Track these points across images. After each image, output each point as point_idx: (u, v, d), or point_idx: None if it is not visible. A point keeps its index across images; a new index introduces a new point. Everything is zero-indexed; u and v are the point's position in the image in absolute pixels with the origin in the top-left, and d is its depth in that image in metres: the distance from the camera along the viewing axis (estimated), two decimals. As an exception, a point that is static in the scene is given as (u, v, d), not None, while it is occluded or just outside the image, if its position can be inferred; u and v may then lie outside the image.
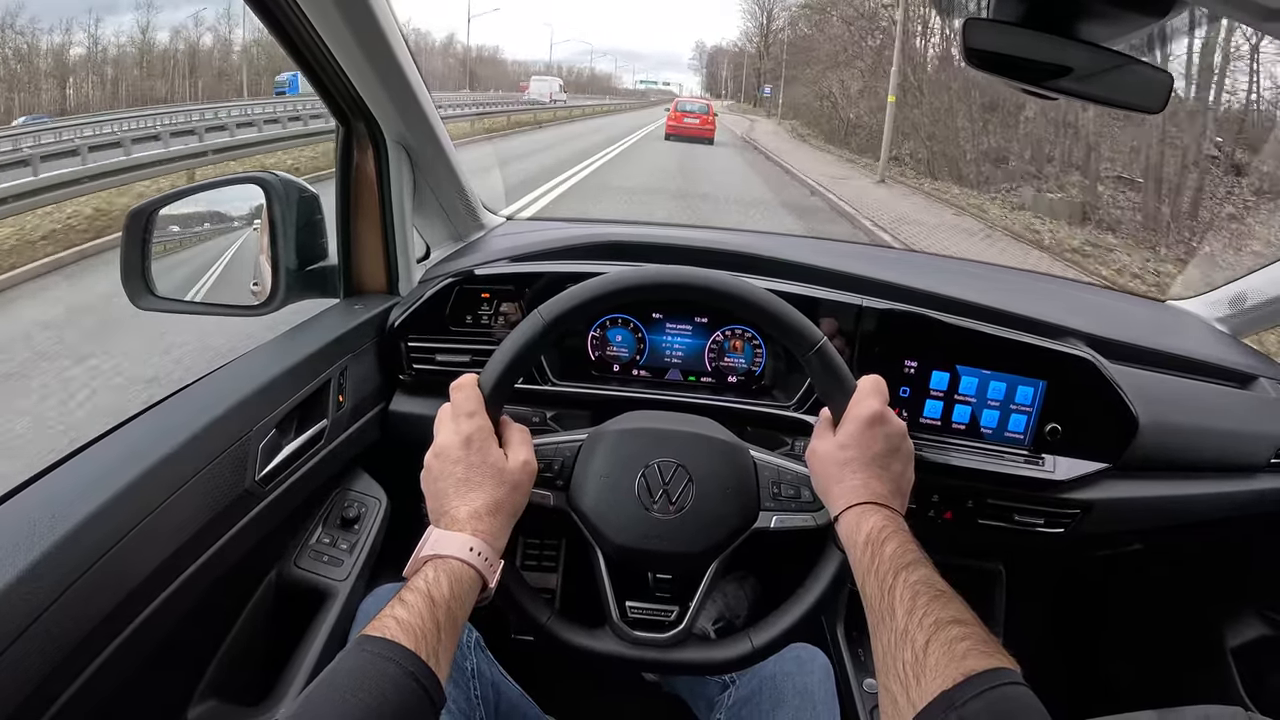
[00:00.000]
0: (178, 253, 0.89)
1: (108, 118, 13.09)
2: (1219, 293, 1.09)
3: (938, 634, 0.46)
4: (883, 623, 0.50)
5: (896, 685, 0.46)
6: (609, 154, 13.89)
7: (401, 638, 0.47)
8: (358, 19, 0.72)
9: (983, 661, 0.44)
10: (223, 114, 12.67)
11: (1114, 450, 0.86)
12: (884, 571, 0.52)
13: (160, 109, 17.10)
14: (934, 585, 0.50)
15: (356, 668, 0.46)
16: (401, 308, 0.91)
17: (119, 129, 9.75)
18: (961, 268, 1.33)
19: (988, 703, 0.41)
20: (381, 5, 0.74)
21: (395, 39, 0.78)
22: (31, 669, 0.48)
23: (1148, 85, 0.69)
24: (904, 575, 0.51)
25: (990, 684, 0.42)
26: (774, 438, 0.87)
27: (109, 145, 8.14)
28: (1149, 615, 1.15)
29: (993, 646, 0.45)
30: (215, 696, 0.72)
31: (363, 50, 0.76)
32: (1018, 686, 0.43)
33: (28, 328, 4.14)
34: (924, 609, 0.48)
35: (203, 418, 0.66)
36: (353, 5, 0.71)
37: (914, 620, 0.48)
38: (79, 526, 0.53)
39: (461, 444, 0.59)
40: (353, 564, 0.82)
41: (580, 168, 11.13)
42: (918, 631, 0.47)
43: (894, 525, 0.56)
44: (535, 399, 0.89)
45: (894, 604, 0.50)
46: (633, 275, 0.65)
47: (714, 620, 1.07)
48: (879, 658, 0.49)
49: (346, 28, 0.72)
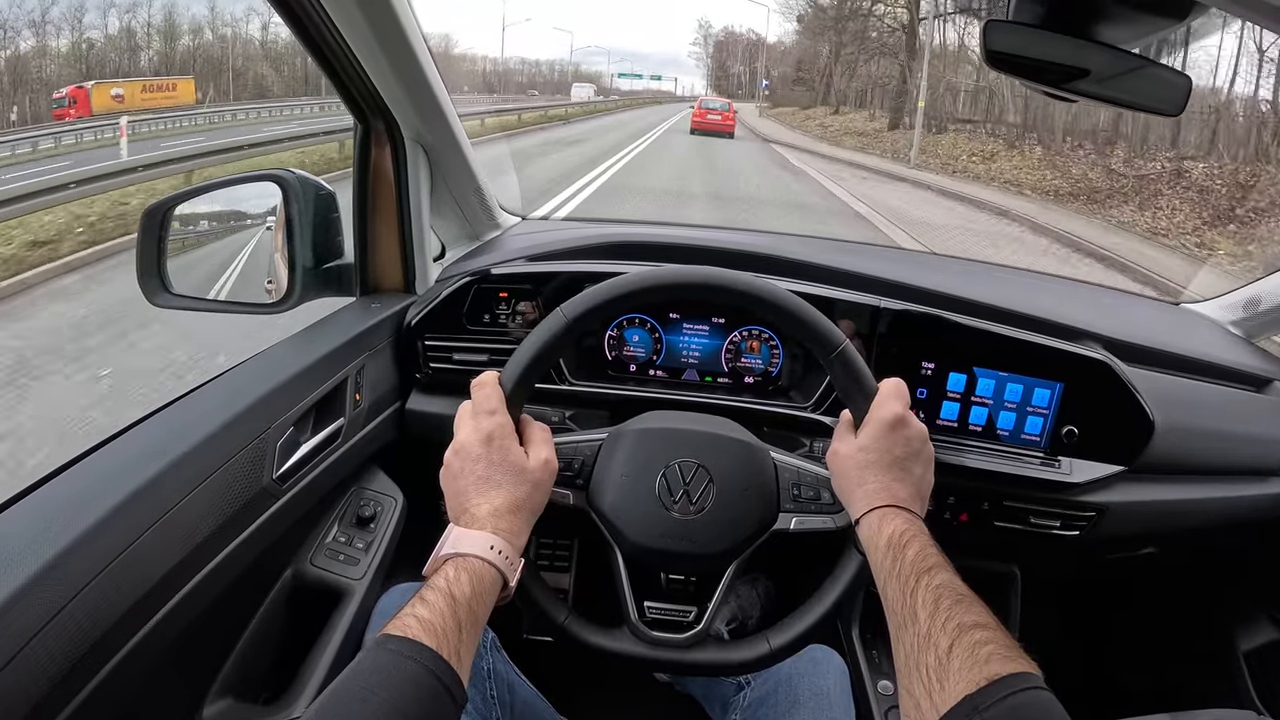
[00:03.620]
0: (195, 250, 0.89)
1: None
2: (1233, 296, 1.09)
3: (961, 638, 0.46)
4: (905, 626, 0.50)
5: (920, 689, 0.46)
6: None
7: (423, 636, 0.47)
8: (378, 17, 0.72)
9: (1006, 666, 0.44)
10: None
11: (1130, 453, 0.86)
12: (906, 575, 0.52)
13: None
14: (956, 589, 0.50)
15: (378, 666, 0.45)
16: (418, 306, 0.91)
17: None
18: (978, 269, 1.33)
19: (1011, 707, 0.41)
20: (402, 3, 0.74)
21: (415, 37, 0.78)
22: (52, 665, 0.48)
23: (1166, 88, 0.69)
24: (926, 579, 0.51)
25: (1014, 688, 0.42)
26: (791, 439, 0.87)
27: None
28: (1162, 618, 1.15)
29: (1015, 651, 0.45)
30: (231, 694, 0.72)
31: (382, 48, 0.76)
32: (1041, 691, 0.43)
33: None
34: (947, 613, 0.48)
35: (220, 415, 0.65)
36: (374, 3, 0.71)
37: (937, 624, 0.48)
38: (98, 523, 0.53)
39: (482, 441, 0.59)
40: (369, 563, 0.82)
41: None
42: (941, 635, 0.47)
43: (915, 529, 0.56)
44: (553, 398, 0.89)
45: (916, 608, 0.49)
46: (656, 275, 0.65)
47: (728, 621, 1.07)
48: (900, 661, 0.49)
49: (367, 26, 0.72)
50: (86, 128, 13.14)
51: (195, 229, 0.91)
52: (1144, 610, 1.16)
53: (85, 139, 12.68)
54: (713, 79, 64.45)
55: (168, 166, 6.91)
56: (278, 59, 28.39)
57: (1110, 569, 1.11)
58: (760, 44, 51.92)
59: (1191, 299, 1.16)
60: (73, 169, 6.40)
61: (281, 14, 0.71)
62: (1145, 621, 1.16)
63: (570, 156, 12.14)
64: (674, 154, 14.60)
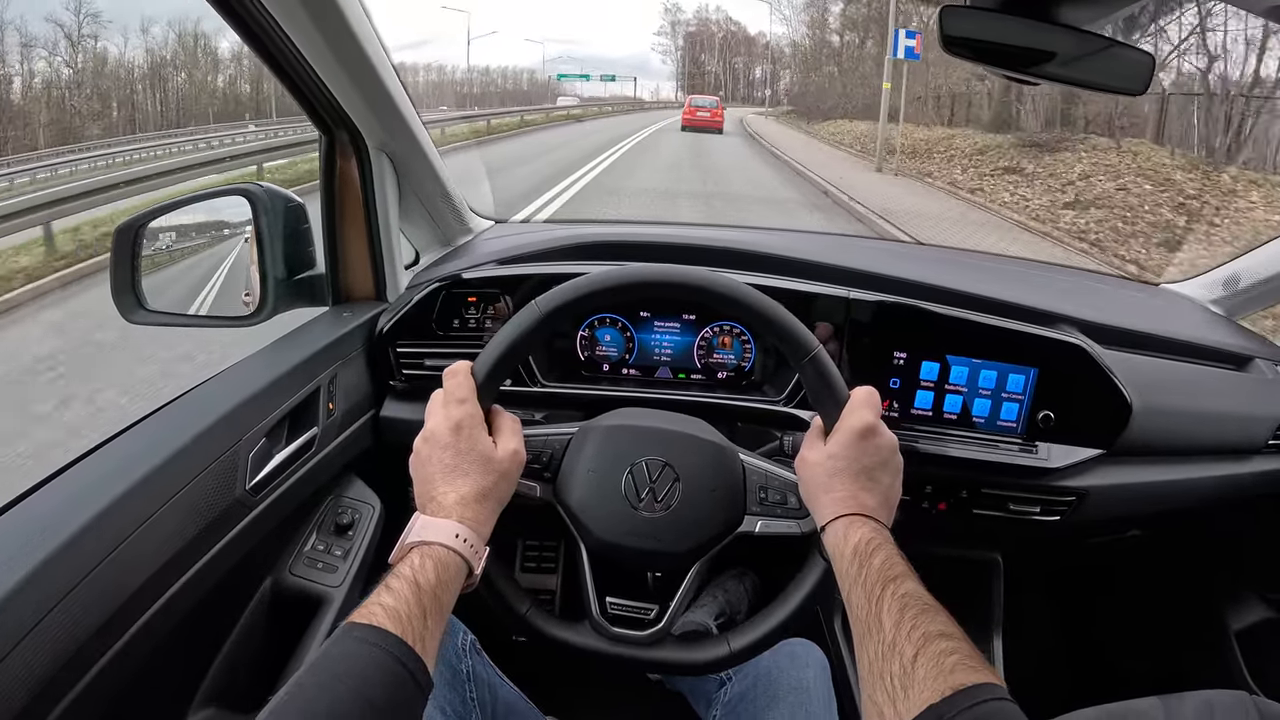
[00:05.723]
0: (166, 267, 0.90)
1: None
2: (1212, 274, 1.08)
3: (926, 647, 0.46)
4: (869, 634, 0.50)
5: (883, 697, 0.46)
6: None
7: (387, 624, 0.47)
8: (333, 28, 0.72)
9: (971, 676, 0.44)
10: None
11: (1108, 436, 0.85)
12: (872, 583, 0.52)
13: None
14: (922, 599, 0.50)
15: (344, 653, 0.46)
16: (389, 314, 0.91)
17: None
18: (951, 257, 1.33)
19: (976, 717, 0.41)
20: (357, 13, 0.74)
21: (373, 47, 0.78)
22: (31, 677, 0.49)
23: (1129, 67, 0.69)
24: (892, 588, 0.51)
25: (979, 698, 0.42)
26: (765, 433, 0.87)
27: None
28: (1150, 601, 1.15)
29: (980, 661, 0.45)
30: (213, 704, 0.73)
31: (339, 59, 0.76)
32: (1005, 702, 0.42)
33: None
34: (912, 621, 0.48)
35: (191, 429, 0.66)
36: (327, 15, 0.71)
37: (902, 633, 0.48)
38: (70, 539, 0.53)
39: (451, 430, 0.59)
40: (347, 570, 0.83)
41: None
42: (906, 644, 0.47)
43: (881, 538, 0.56)
44: (526, 400, 0.89)
45: (881, 616, 0.49)
46: (630, 272, 0.65)
47: (715, 616, 1.07)
48: (864, 669, 0.49)
49: (321, 37, 0.72)
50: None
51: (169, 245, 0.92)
52: (1133, 593, 1.16)
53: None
54: (684, 78, 51.09)
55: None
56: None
57: (1097, 553, 1.11)
58: (741, 37, 45.77)
59: (1171, 279, 1.15)
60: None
61: (236, 29, 0.71)
62: (1134, 604, 1.16)
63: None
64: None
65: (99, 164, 11.30)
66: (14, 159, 15.02)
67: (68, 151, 15.08)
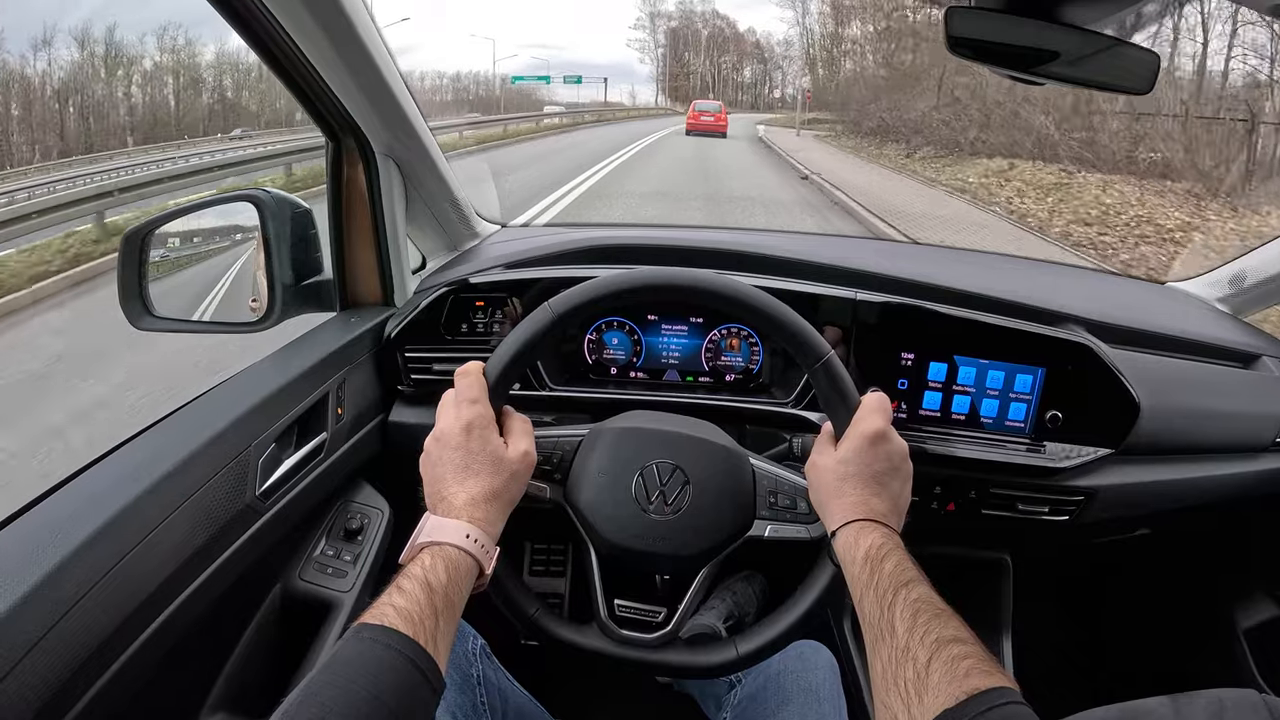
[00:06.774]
0: (173, 274, 0.90)
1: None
2: (1218, 273, 1.08)
3: (939, 652, 0.46)
4: (882, 639, 0.50)
5: (898, 702, 0.46)
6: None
7: (399, 624, 0.47)
8: (340, 35, 0.73)
9: (985, 681, 0.44)
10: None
11: (1116, 435, 0.85)
12: (883, 588, 0.52)
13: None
14: (934, 604, 0.50)
15: (355, 655, 0.46)
16: (397, 319, 0.91)
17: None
18: (957, 257, 1.32)
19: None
20: (364, 19, 0.74)
21: (380, 53, 0.78)
22: (42, 685, 0.49)
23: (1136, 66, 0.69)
24: (904, 593, 0.51)
25: (993, 703, 0.42)
26: (773, 435, 0.87)
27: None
28: (1159, 600, 1.15)
29: (993, 665, 0.45)
30: (223, 710, 0.73)
31: (346, 65, 0.76)
32: (1020, 706, 0.42)
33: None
34: (925, 626, 0.48)
35: (200, 435, 0.66)
36: (334, 21, 0.71)
37: (915, 638, 0.48)
38: (81, 546, 0.53)
39: (462, 430, 0.59)
40: (357, 575, 0.83)
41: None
42: (919, 649, 0.47)
43: (892, 543, 0.56)
44: (534, 404, 0.89)
45: (894, 621, 0.49)
46: (642, 275, 0.65)
47: (724, 618, 1.07)
48: (877, 674, 0.49)
49: (329, 44, 0.73)
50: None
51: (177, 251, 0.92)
52: (1142, 592, 1.16)
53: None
54: (667, 79, 42.87)
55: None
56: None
57: (1105, 552, 1.11)
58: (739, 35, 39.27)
59: (1177, 277, 1.15)
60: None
61: (243, 35, 0.71)
62: (1143, 603, 1.16)
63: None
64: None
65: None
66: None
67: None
